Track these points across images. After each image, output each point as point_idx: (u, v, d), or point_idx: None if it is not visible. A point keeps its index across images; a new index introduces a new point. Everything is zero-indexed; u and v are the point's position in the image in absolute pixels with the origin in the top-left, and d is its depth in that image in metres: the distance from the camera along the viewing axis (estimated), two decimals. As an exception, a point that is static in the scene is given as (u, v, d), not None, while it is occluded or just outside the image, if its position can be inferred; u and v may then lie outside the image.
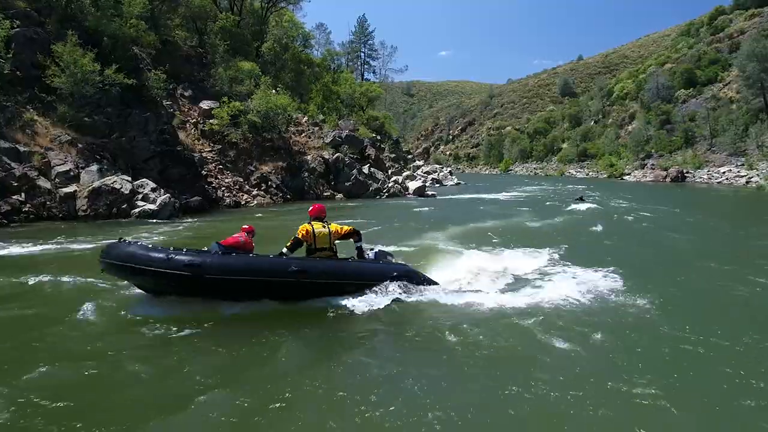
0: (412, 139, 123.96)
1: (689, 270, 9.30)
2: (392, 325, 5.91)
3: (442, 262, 9.02)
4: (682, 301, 7.06)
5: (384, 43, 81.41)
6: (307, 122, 28.27)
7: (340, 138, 27.25)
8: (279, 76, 32.53)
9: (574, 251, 10.53)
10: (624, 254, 10.78)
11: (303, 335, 5.53)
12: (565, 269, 8.69)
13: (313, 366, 4.77)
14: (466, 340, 5.35)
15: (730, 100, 59.02)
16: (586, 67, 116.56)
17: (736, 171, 47.86)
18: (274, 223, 16.53)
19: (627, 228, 15.99)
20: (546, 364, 4.75)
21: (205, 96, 24.23)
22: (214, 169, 21.70)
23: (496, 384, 4.39)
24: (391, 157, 41.37)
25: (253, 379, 4.48)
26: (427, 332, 5.66)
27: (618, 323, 5.91)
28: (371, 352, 5.18)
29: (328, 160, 25.65)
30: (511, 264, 8.87)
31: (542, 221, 16.94)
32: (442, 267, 8.44)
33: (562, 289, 7.05)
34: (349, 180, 25.55)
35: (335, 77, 44.96)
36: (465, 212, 20.42)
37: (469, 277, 7.94)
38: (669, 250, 11.72)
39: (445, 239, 12.13)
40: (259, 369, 4.74)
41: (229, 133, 22.99)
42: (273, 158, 24.25)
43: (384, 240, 10.97)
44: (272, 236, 10.90)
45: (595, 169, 68.51)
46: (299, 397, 4.12)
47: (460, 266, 8.49)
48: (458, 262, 8.85)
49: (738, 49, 61.61)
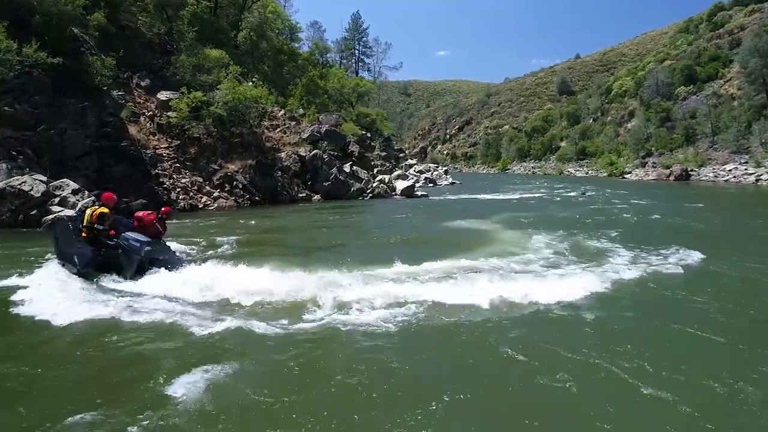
0: (409, 138, 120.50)
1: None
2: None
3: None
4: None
5: (378, 40, 77.24)
6: (284, 116, 25.01)
7: (318, 133, 24.02)
8: (258, 68, 29.36)
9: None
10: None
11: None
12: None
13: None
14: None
15: (732, 97, 56.52)
16: (583, 65, 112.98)
17: (743, 169, 44.86)
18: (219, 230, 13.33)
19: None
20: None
21: (166, 87, 21.02)
22: (169, 168, 18.53)
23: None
24: (381, 155, 38.16)
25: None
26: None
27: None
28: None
29: (304, 157, 22.41)
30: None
31: (544, 234, 13.77)
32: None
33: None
34: (328, 180, 22.33)
35: (324, 72, 41.72)
36: (452, 216, 17.21)
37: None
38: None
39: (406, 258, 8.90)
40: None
41: (189, 128, 19.80)
42: (242, 156, 21.05)
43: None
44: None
45: (595, 167, 65.24)
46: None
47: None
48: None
49: (739, 45, 59.18)
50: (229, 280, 6.71)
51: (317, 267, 7.80)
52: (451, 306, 6.13)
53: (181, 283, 6.73)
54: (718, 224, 15.53)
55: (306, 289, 6.50)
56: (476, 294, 6.42)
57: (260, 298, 6.31)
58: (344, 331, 5.38)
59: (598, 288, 6.98)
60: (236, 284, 6.55)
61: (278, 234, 13.90)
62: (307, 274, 7.23)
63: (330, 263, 8.19)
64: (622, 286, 7.32)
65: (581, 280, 7.41)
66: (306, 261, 8.64)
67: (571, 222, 15.41)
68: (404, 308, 6.00)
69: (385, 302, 6.15)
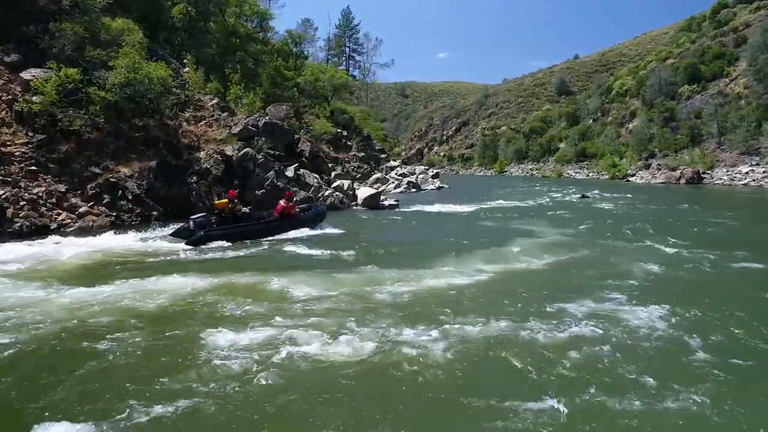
0: (406, 140, 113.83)
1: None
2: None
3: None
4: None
5: (368, 35, 69.62)
6: (215, 106, 18.99)
7: (255, 127, 17.94)
8: (201, 52, 23.46)
9: None
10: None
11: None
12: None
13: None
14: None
15: (738, 96, 50.96)
16: (582, 65, 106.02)
17: (762, 171, 38.66)
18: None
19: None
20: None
21: (44, 65, 15.08)
22: (18, 172, 12.61)
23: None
24: (359, 156, 32.20)
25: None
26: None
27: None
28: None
29: (231, 157, 16.41)
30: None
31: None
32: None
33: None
34: (262, 187, 16.33)
35: (299, 64, 35.73)
36: (389, 255, 11.26)
37: None
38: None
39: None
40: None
41: (62, 118, 13.89)
42: (144, 155, 15.12)
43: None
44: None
45: (596, 169, 58.90)
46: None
47: None
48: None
49: (744, 43, 53.69)
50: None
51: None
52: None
53: None
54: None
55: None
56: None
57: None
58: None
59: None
60: None
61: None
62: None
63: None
64: None
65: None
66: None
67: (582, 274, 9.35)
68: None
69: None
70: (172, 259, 9.82)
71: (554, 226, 14.67)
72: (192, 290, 7.32)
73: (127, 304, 6.63)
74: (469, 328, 5.70)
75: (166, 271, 8.51)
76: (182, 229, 11.44)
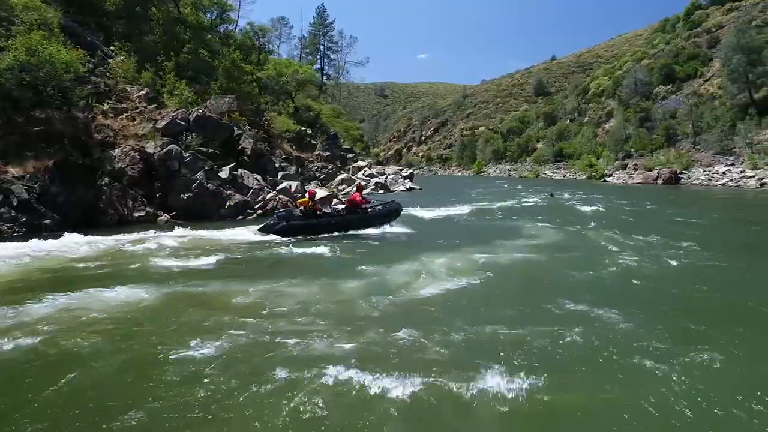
0: (385, 140, 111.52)
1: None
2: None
3: None
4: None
5: (343, 33, 66.42)
6: (143, 97, 16.43)
7: (184, 121, 15.43)
8: (142, 40, 20.87)
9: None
10: None
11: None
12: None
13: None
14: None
15: (712, 96, 50.27)
16: (559, 66, 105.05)
17: (738, 171, 37.39)
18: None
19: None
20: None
21: None
22: None
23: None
24: (324, 155, 29.83)
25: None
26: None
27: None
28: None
29: (152, 155, 13.93)
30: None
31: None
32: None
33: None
34: (189, 189, 13.89)
35: (262, 58, 33.19)
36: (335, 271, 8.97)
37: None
38: None
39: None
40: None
41: (-69, 107, 11.32)
42: (44, 153, 12.57)
43: None
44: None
45: (573, 169, 57.47)
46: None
47: None
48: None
49: (717, 44, 53.32)
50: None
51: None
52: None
53: None
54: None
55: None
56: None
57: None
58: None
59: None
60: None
61: None
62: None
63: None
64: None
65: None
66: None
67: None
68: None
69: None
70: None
71: (513, 235, 12.47)
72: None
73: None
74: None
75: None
76: (268, 225, 11.77)
